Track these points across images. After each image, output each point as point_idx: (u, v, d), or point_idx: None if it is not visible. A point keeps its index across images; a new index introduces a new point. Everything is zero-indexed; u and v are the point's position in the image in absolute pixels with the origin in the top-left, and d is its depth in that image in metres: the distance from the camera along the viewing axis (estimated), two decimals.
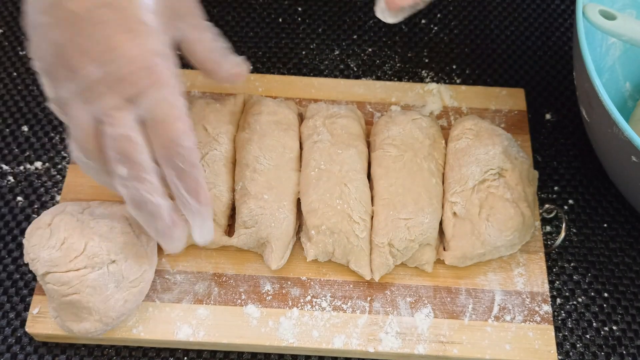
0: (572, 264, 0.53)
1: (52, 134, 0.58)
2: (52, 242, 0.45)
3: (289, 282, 0.50)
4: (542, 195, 0.56)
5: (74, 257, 0.45)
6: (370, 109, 0.58)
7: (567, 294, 0.52)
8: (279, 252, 0.49)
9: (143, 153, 0.39)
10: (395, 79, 0.62)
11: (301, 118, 0.56)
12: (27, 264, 0.51)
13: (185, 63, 0.62)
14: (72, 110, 0.40)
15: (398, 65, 0.63)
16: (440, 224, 0.51)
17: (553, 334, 0.48)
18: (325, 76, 0.63)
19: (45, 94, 0.41)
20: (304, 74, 0.63)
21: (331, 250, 0.49)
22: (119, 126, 0.39)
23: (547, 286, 0.50)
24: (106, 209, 0.49)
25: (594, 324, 0.51)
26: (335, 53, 0.64)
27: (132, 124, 0.39)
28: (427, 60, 0.64)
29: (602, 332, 0.50)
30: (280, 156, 0.51)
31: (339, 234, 0.48)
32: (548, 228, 0.55)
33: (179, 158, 0.39)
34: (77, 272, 0.44)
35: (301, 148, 0.53)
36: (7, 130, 0.59)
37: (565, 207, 0.56)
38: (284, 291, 0.50)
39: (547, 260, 0.53)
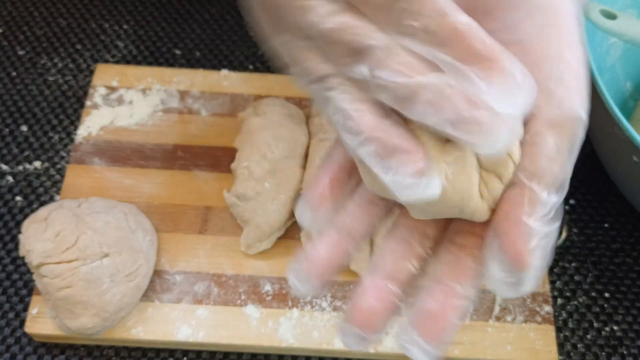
0: (573, 264, 0.53)
1: (51, 134, 0.58)
2: (46, 235, 0.46)
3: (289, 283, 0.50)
4: None
5: (66, 249, 0.45)
6: None
7: (568, 294, 0.52)
8: (251, 237, 0.50)
9: None
10: None
11: (306, 117, 0.56)
12: (25, 264, 0.51)
13: (183, 62, 0.63)
14: None
15: None
16: None
17: (554, 334, 0.48)
18: None
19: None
20: None
21: None
22: None
23: (548, 286, 0.50)
24: (105, 202, 0.49)
25: (595, 325, 0.51)
26: None
27: None
28: None
29: (604, 333, 0.50)
30: (291, 149, 0.51)
31: None
32: None
33: None
34: (69, 264, 0.45)
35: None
36: (7, 130, 0.58)
37: (567, 207, 0.56)
38: (284, 291, 0.49)
39: None
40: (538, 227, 0.26)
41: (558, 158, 0.27)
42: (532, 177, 0.27)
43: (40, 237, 0.46)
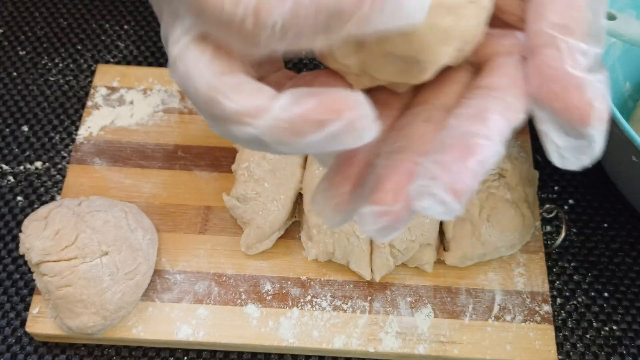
0: (572, 264, 0.53)
1: (52, 134, 0.58)
2: (46, 233, 0.46)
3: (289, 282, 0.50)
4: (543, 195, 0.56)
5: (65, 247, 0.45)
6: None
7: (567, 293, 0.52)
8: (252, 238, 0.50)
9: None
10: None
11: None
12: (26, 264, 0.51)
13: None
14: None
15: None
16: (441, 224, 0.51)
17: (553, 333, 0.48)
18: None
19: None
20: None
21: (331, 251, 0.49)
22: None
23: (547, 286, 0.50)
24: (105, 201, 0.49)
25: (595, 324, 0.51)
26: None
27: None
28: None
29: (603, 332, 0.50)
30: None
31: (339, 234, 0.48)
32: (548, 228, 0.54)
33: None
34: (68, 262, 0.45)
35: None
36: (7, 130, 0.59)
37: (566, 207, 0.56)
38: (284, 291, 0.50)
39: (547, 260, 0.53)
40: (586, 76, 0.23)
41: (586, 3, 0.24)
42: (563, 30, 0.24)
43: (40, 235, 0.46)
